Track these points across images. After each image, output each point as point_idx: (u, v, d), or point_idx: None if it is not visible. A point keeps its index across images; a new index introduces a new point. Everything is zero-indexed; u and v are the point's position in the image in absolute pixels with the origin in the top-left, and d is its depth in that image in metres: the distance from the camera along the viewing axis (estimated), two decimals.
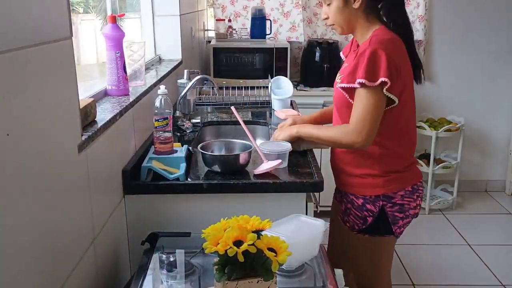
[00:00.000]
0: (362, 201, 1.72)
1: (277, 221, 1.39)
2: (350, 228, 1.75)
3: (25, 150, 0.94)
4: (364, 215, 1.72)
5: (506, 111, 4.02)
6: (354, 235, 1.75)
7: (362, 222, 1.72)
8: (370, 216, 1.71)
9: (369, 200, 1.70)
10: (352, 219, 1.75)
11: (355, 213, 1.74)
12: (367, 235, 1.73)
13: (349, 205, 1.76)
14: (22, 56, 0.93)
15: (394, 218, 1.71)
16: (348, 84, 1.61)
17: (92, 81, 1.90)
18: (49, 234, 1.04)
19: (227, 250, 0.98)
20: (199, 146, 1.74)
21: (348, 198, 1.76)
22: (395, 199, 1.70)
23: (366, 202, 1.71)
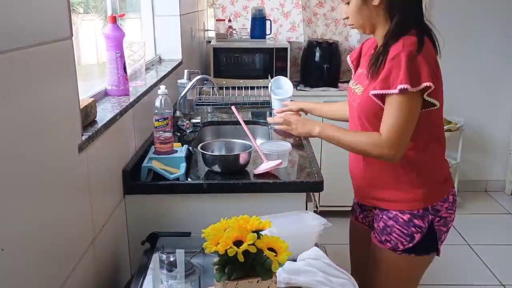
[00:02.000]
0: (409, 216, 1.56)
1: (278, 214, 1.40)
2: (392, 248, 1.59)
3: (25, 150, 0.94)
4: (411, 232, 1.56)
5: (506, 111, 4.02)
6: (398, 255, 1.58)
7: (409, 240, 1.56)
8: (418, 232, 1.56)
9: (418, 215, 1.56)
10: (395, 237, 1.58)
11: (400, 230, 1.57)
12: (413, 254, 1.58)
13: (390, 222, 1.59)
14: (22, 56, 0.93)
15: (440, 233, 1.60)
16: (383, 90, 1.45)
17: (92, 81, 1.90)
18: (49, 234, 1.04)
19: (227, 250, 0.98)
20: (199, 146, 1.74)
21: (390, 215, 1.59)
22: (441, 212, 1.58)
23: (414, 217, 1.56)
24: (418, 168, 1.57)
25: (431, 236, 1.58)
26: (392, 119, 1.46)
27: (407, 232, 1.56)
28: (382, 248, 1.61)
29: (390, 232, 1.59)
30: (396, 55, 1.45)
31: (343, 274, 1.25)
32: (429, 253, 1.62)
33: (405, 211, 1.57)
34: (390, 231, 1.59)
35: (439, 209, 1.58)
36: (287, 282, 1.18)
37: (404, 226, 1.56)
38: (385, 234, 1.60)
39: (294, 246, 1.19)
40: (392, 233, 1.58)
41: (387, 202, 1.61)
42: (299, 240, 1.31)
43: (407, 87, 1.41)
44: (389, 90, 1.44)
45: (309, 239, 1.38)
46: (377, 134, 1.50)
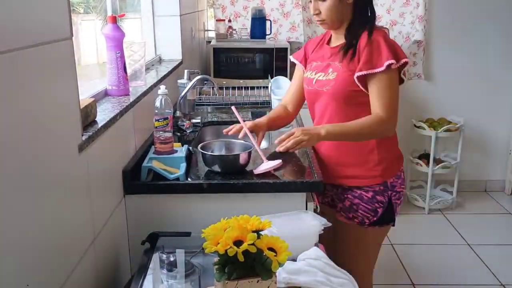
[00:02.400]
0: (372, 194, 1.75)
1: (278, 214, 1.40)
2: (359, 223, 1.77)
3: (25, 150, 0.94)
4: (375, 207, 1.75)
5: (506, 111, 4.02)
6: (365, 229, 1.78)
7: (373, 214, 1.76)
8: (380, 207, 1.75)
9: (379, 192, 1.75)
10: (361, 213, 1.77)
11: (365, 207, 1.76)
12: (377, 226, 1.78)
13: (356, 200, 1.76)
14: (22, 56, 0.93)
15: (396, 206, 1.80)
16: (369, 70, 1.63)
17: (92, 81, 1.90)
18: (49, 234, 1.04)
19: (227, 250, 0.98)
20: (199, 146, 1.74)
21: (355, 194, 1.77)
22: (396, 187, 1.77)
23: (376, 194, 1.75)
24: (378, 145, 1.74)
25: (390, 209, 1.78)
26: (385, 96, 1.65)
27: (372, 208, 1.75)
28: (350, 224, 1.79)
29: (356, 209, 1.77)
30: (373, 39, 1.66)
31: (343, 274, 1.25)
32: (389, 223, 1.82)
33: (368, 190, 1.75)
34: (357, 209, 1.77)
35: (395, 185, 1.77)
36: (287, 282, 1.18)
37: (368, 203, 1.75)
38: (352, 212, 1.78)
39: (294, 246, 1.19)
40: (358, 210, 1.77)
41: (351, 179, 1.76)
42: (299, 240, 1.32)
43: (393, 62, 1.62)
44: (375, 69, 1.64)
45: (309, 239, 1.38)
46: (377, 115, 1.66)
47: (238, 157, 1.69)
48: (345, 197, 1.79)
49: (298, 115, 2.47)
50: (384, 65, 1.62)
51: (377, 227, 1.79)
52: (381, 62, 1.63)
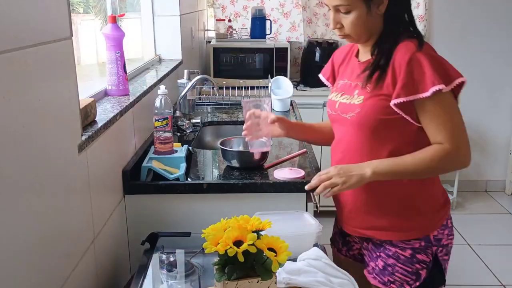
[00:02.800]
0: (410, 252, 1.40)
1: (278, 213, 1.40)
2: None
3: (25, 150, 0.94)
4: (416, 269, 1.40)
5: (506, 110, 4.02)
6: None
7: (415, 278, 1.41)
8: (423, 268, 1.41)
9: (420, 249, 1.40)
10: (399, 277, 1.41)
11: (403, 268, 1.40)
12: None
13: (391, 260, 1.41)
14: (22, 56, 0.93)
15: (445, 264, 1.46)
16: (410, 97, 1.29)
17: (91, 81, 1.90)
18: (49, 234, 1.04)
19: (227, 250, 0.98)
20: (219, 142, 1.79)
21: (389, 252, 1.42)
22: (443, 240, 1.43)
23: (416, 252, 1.40)
24: (420, 189, 1.41)
25: (438, 269, 1.44)
26: (443, 123, 1.31)
27: (412, 270, 1.40)
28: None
29: (392, 272, 1.42)
30: (411, 58, 1.30)
31: (343, 274, 1.25)
32: (438, 287, 1.48)
33: (405, 247, 1.40)
34: (393, 271, 1.42)
35: (440, 238, 1.42)
36: (287, 282, 1.18)
37: (407, 264, 1.40)
38: (387, 275, 1.42)
39: (294, 246, 1.19)
40: (395, 273, 1.41)
41: (385, 232, 1.42)
42: (299, 240, 1.31)
43: (441, 88, 1.27)
44: (419, 95, 1.29)
45: (309, 239, 1.38)
46: (441, 146, 1.32)
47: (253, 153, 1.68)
48: (377, 255, 1.44)
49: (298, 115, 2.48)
50: (430, 91, 1.27)
51: None
52: (426, 86, 1.28)
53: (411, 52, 1.31)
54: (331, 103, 1.50)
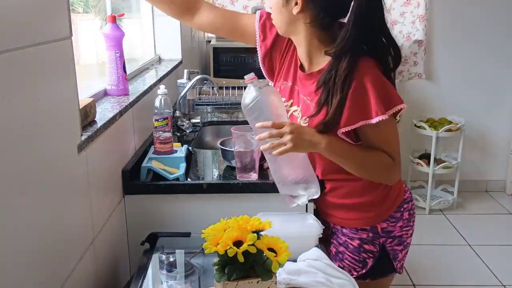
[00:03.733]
0: (358, 242, 1.48)
1: (278, 213, 1.41)
2: None
3: (24, 150, 0.93)
4: (363, 258, 1.48)
5: (507, 111, 4.02)
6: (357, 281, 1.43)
7: (362, 266, 1.49)
8: (370, 257, 1.48)
9: (367, 240, 1.47)
10: (348, 264, 1.50)
11: (351, 257, 1.49)
12: (369, 279, 1.50)
13: (341, 248, 1.51)
14: (22, 56, 0.93)
15: (395, 253, 1.51)
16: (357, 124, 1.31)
17: (91, 81, 1.90)
18: (48, 234, 1.03)
19: (227, 250, 0.97)
20: (219, 142, 1.78)
21: (340, 240, 1.51)
22: (394, 232, 1.49)
23: (364, 242, 1.47)
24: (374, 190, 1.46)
25: (385, 258, 1.49)
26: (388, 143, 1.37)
27: (359, 259, 1.48)
28: None
29: (342, 258, 1.51)
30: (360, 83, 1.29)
31: (343, 275, 1.25)
32: (387, 275, 1.54)
33: (354, 237, 1.47)
34: (342, 258, 1.51)
35: (391, 230, 1.48)
36: (287, 283, 1.18)
37: (355, 253, 1.48)
38: (338, 261, 1.51)
39: (296, 247, 1.19)
40: (344, 260, 1.50)
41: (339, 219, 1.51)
42: (299, 241, 1.31)
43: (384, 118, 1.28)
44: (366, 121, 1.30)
45: (309, 239, 1.38)
46: (388, 157, 1.37)
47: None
48: (331, 241, 1.53)
49: None
50: (374, 120, 1.29)
51: (369, 280, 1.50)
52: (371, 114, 1.29)
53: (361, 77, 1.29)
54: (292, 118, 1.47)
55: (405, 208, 1.52)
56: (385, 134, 1.36)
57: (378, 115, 1.28)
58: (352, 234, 1.48)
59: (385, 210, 1.48)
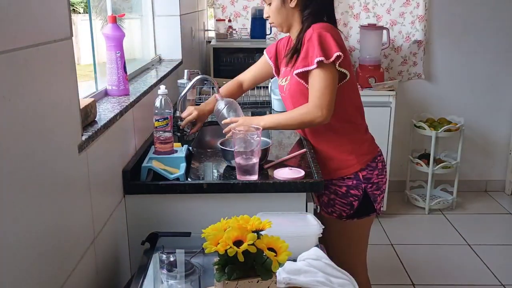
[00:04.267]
0: (345, 189, 1.84)
1: (278, 213, 1.40)
2: (338, 217, 1.87)
3: (25, 150, 0.94)
4: (350, 201, 1.85)
5: (506, 111, 4.02)
6: (344, 222, 1.87)
7: (350, 207, 1.85)
8: (355, 200, 1.84)
9: (352, 186, 1.84)
10: (338, 208, 1.86)
11: (341, 201, 1.85)
12: (356, 218, 1.87)
13: (332, 195, 1.86)
14: (22, 56, 0.93)
15: (374, 197, 1.87)
16: (304, 68, 1.71)
17: (91, 81, 1.90)
18: (49, 234, 1.04)
19: (227, 250, 0.98)
20: (219, 142, 1.79)
21: (330, 189, 1.86)
22: (372, 179, 1.86)
23: (350, 188, 1.84)
24: (347, 136, 1.85)
25: (367, 201, 1.86)
26: (314, 87, 1.71)
27: (347, 202, 1.85)
28: (330, 218, 1.87)
29: (333, 204, 1.87)
30: (310, 37, 1.71)
31: (343, 274, 1.25)
32: (369, 214, 1.90)
33: (342, 185, 1.85)
34: (333, 203, 1.87)
35: (369, 177, 1.85)
36: (287, 282, 1.18)
37: (343, 198, 1.85)
38: (330, 206, 1.88)
39: (296, 246, 1.19)
40: (335, 205, 1.87)
41: (327, 173, 1.82)
42: (299, 240, 1.31)
43: (322, 59, 1.67)
44: (309, 67, 1.70)
45: (309, 239, 1.38)
46: (305, 104, 1.74)
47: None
48: (322, 193, 1.87)
49: None
50: (314, 62, 1.68)
51: (356, 219, 1.87)
52: (313, 60, 1.69)
53: (310, 34, 1.73)
54: (281, 88, 1.93)
55: (379, 160, 1.91)
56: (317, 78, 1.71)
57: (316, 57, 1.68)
58: (340, 183, 1.85)
59: (363, 157, 1.85)
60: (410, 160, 3.84)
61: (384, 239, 3.33)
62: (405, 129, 3.87)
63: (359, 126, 1.91)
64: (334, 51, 1.68)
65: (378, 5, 3.77)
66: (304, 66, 1.72)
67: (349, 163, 1.84)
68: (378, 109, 3.41)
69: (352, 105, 1.86)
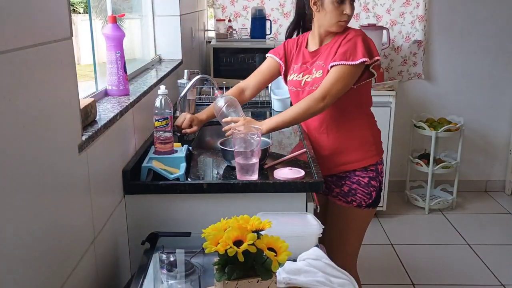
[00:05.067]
0: (368, 179, 1.96)
1: (278, 213, 1.40)
2: (358, 205, 1.97)
3: (25, 150, 0.94)
4: (370, 191, 1.97)
5: (506, 111, 4.02)
6: (362, 210, 1.98)
7: (369, 197, 1.97)
8: (374, 191, 1.98)
9: (373, 178, 1.97)
10: (359, 197, 1.97)
11: (363, 191, 1.96)
12: (371, 208, 2.00)
13: (354, 185, 1.96)
14: (22, 56, 0.93)
15: (381, 190, 2.04)
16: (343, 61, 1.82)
17: (91, 81, 1.90)
18: (49, 234, 1.04)
19: (227, 250, 0.98)
20: (219, 142, 1.79)
21: (353, 179, 1.97)
22: (382, 173, 2.02)
23: (371, 179, 1.96)
24: (369, 127, 2.00)
25: (379, 192, 2.02)
26: (333, 77, 1.82)
27: (368, 192, 1.97)
28: (348, 207, 1.98)
29: (355, 193, 1.97)
30: (352, 38, 1.86)
31: (343, 274, 1.25)
32: (378, 205, 2.06)
33: (365, 176, 1.96)
34: (355, 193, 1.97)
35: (382, 171, 2.02)
36: (287, 282, 1.18)
37: (365, 187, 1.96)
38: (351, 195, 1.97)
39: (296, 246, 1.19)
40: (357, 194, 1.97)
41: (351, 164, 1.96)
42: (299, 240, 1.31)
43: (365, 60, 1.81)
44: (349, 62, 1.82)
45: (309, 239, 1.38)
46: (307, 97, 1.84)
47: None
48: (342, 183, 1.98)
49: None
50: (359, 60, 1.81)
51: (371, 208, 2.01)
52: (356, 57, 1.81)
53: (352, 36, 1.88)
54: (296, 82, 2.00)
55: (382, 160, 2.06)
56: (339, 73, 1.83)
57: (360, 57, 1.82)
58: (363, 174, 1.96)
59: (379, 148, 2.02)
60: (410, 160, 3.84)
61: (384, 239, 3.33)
62: (405, 129, 3.87)
63: (374, 119, 2.05)
64: (375, 55, 1.86)
65: (378, 5, 3.77)
66: (344, 60, 1.82)
67: (372, 153, 1.97)
68: (378, 109, 3.37)
69: (370, 100, 2.03)
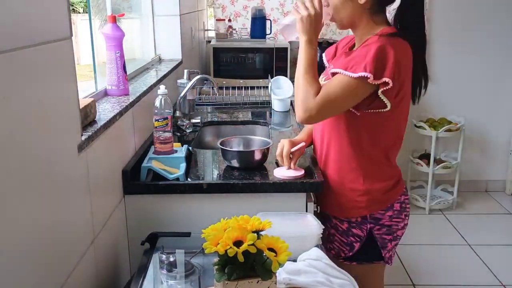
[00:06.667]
0: (347, 226, 1.57)
1: (278, 213, 1.40)
2: (335, 256, 1.60)
3: (25, 150, 0.94)
4: (350, 241, 1.57)
5: (507, 111, 4.02)
6: (341, 263, 1.54)
7: (349, 249, 1.58)
8: (357, 241, 1.56)
9: (355, 224, 1.56)
10: (337, 246, 1.61)
11: (340, 239, 1.59)
12: (355, 262, 1.58)
13: (332, 230, 1.61)
14: (22, 56, 0.93)
15: (383, 242, 1.57)
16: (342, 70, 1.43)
17: (91, 81, 1.90)
18: (49, 234, 1.04)
19: (227, 250, 0.98)
20: (219, 142, 1.79)
21: (331, 223, 1.61)
22: (383, 220, 1.55)
23: (352, 226, 1.56)
24: (365, 173, 1.54)
25: (373, 245, 1.56)
26: (328, 91, 1.44)
27: (347, 242, 1.58)
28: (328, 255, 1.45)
29: (332, 240, 1.62)
30: (369, 44, 1.44)
31: (343, 274, 1.25)
32: (373, 261, 1.60)
33: (343, 220, 1.58)
34: (332, 240, 1.62)
35: (379, 218, 1.55)
36: (287, 283, 1.18)
37: (343, 235, 1.59)
38: (329, 242, 1.63)
39: (296, 247, 1.19)
40: (334, 242, 1.62)
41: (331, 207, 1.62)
42: (299, 241, 1.31)
43: (369, 76, 1.38)
44: (346, 71, 1.41)
45: (309, 239, 1.38)
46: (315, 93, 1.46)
47: (254, 153, 1.71)
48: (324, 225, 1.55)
49: None
50: (358, 74, 1.39)
51: (355, 263, 1.58)
52: (358, 69, 1.39)
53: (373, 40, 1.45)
54: None
55: (397, 200, 1.57)
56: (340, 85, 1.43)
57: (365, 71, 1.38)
58: (342, 218, 1.59)
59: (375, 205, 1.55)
60: (410, 160, 3.84)
61: None
62: None
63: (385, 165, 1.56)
64: (385, 76, 1.38)
65: None
66: (343, 68, 1.43)
67: (358, 204, 1.55)
68: None
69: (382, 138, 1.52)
